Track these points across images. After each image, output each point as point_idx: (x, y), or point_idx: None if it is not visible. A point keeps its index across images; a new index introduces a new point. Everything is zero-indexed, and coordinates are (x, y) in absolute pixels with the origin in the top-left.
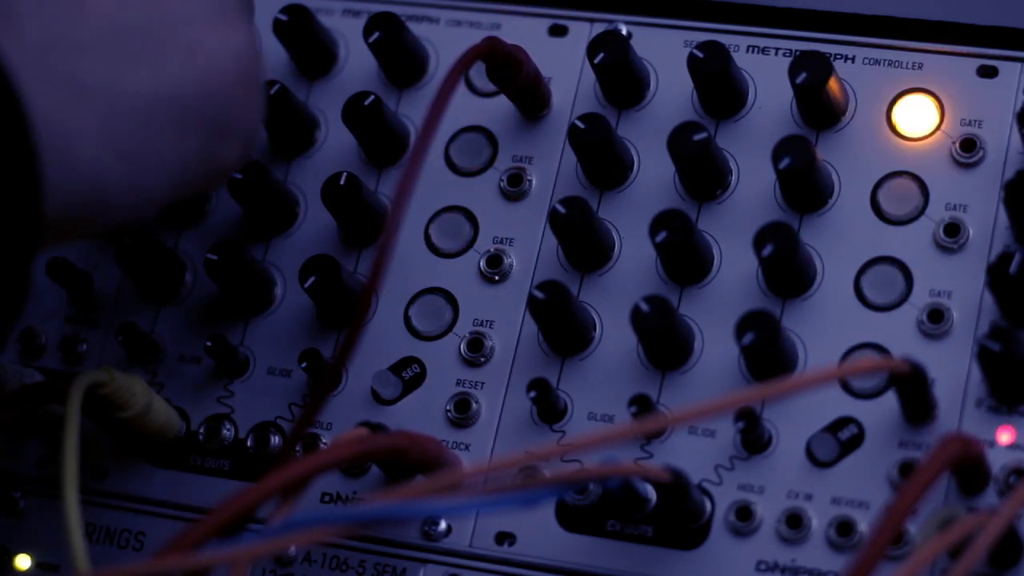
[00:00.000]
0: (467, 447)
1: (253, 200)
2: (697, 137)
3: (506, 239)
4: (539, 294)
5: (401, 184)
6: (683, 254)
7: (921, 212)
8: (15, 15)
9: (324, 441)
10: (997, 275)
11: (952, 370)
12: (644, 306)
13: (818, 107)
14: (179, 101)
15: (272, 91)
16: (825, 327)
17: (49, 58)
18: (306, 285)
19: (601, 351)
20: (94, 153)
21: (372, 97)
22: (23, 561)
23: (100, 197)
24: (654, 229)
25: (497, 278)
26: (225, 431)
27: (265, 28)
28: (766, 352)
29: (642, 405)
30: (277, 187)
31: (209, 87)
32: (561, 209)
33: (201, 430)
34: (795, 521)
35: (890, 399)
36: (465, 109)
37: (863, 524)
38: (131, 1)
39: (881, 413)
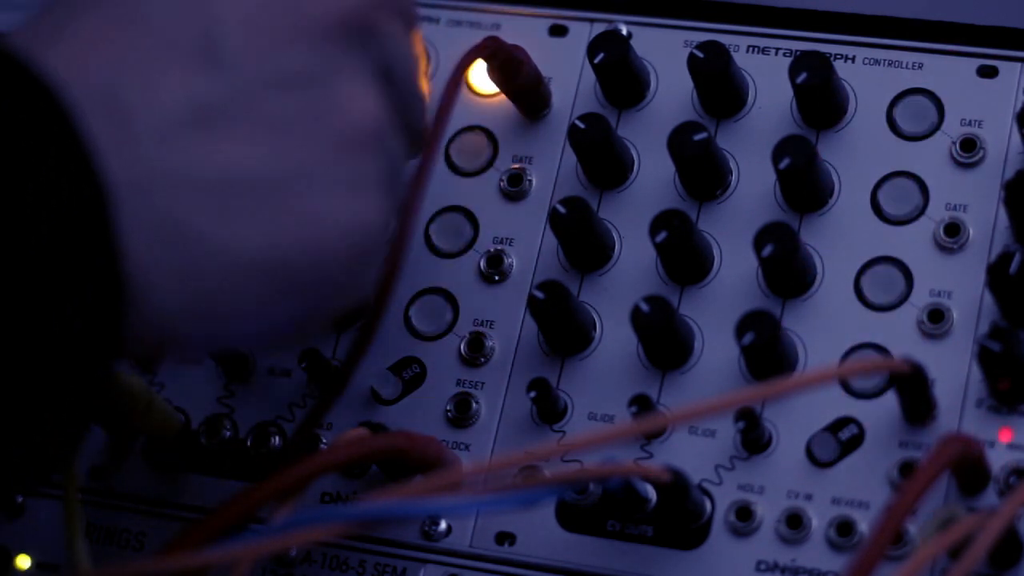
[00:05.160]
0: (467, 447)
1: None
2: (697, 137)
3: (506, 239)
4: (539, 294)
5: (411, 187)
6: (683, 254)
7: (921, 212)
8: (133, 135)
9: (324, 441)
10: (997, 275)
11: (952, 370)
12: (644, 306)
13: (818, 107)
14: (281, 269)
15: None
16: (825, 327)
17: (152, 192)
18: None
19: (601, 351)
20: (168, 307)
21: None
22: (23, 561)
23: (167, 343)
24: (654, 229)
25: (497, 278)
26: (225, 431)
27: None
28: (766, 352)
29: (642, 405)
30: None
31: (319, 259)
32: (561, 209)
33: (201, 430)
34: (795, 521)
35: (890, 399)
36: (465, 109)
37: (863, 524)
38: (260, 149)
39: (881, 413)
